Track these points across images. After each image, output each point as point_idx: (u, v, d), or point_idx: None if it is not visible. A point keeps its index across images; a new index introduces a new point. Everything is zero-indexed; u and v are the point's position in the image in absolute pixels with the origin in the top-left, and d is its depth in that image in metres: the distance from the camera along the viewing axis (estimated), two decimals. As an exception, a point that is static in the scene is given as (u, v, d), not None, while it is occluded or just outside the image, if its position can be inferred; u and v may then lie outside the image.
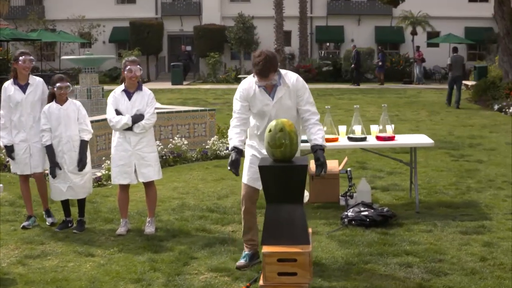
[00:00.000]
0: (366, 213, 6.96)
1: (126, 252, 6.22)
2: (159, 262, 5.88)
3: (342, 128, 7.90)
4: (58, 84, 6.85)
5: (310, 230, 5.15)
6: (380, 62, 33.05)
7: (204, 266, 5.79)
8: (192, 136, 12.09)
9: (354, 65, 32.46)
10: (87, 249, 6.32)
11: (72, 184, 6.95)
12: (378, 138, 7.66)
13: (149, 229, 6.86)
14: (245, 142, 5.67)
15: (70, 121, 6.90)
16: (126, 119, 6.72)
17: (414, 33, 35.89)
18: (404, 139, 7.90)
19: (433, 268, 5.61)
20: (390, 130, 7.69)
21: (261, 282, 4.74)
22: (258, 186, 5.56)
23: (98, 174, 9.64)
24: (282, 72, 5.66)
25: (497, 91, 21.07)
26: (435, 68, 36.19)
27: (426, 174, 9.59)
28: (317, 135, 5.54)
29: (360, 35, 38.83)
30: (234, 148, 5.48)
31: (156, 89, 29.19)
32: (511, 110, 18.13)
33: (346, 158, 8.84)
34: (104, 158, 10.10)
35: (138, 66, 6.87)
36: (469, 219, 7.12)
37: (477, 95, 22.44)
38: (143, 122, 6.76)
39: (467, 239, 6.42)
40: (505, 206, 7.71)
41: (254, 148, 5.76)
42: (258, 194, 5.74)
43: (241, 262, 5.76)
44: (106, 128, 9.50)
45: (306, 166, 4.78)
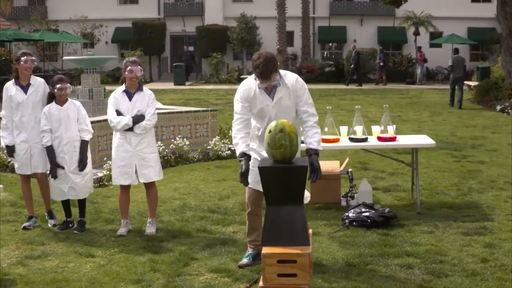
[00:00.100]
0: (367, 214, 6.95)
1: (127, 252, 6.22)
2: (160, 263, 5.88)
3: (344, 128, 7.89)
4: (58, 85, 6.84)
5: (310, 231, 5.14)
6: (381, 63, 33.01)
7: (204, 267, 5.79)
8: (193, 136, 12.08)
9: (353, 65, 32.45)
10: (88, 249, 6.32)
11: (73, 184, 6.95)
12: (380, 138, 7.65)
13: (149, 229, 6.86)
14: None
15: (70, 121, 6.90)
16: (126, 120, 6.71)
17: (416, 33, 35.82)
18: (405, 140, 7.88)
19: (434, 269, 5.60)
20: (391, 130, 7.69)
21: (261, 283, 4.73)
22: (260, 188, 5.55)
23: (100, 175, 9.64)
24: (282, 72, 5.66)
25: (499, 92, 21.02)
26: (438, 68, 36.13)
27: (428, 175, 9.58)
28: (313, 139, 5.52)
29: (362, 36, 38.80)
30: (243, 154, 5.45)
31: (158, 89, 29.20)
32: (514, 111, 18.13)
33: (347, 159, 8.82)
34: (105, 158, 10.10)
35: (139, 66, 6.86)
36: (470, 220, 7.11)
37: (479, 96, 22.40)
38: (144, 122, 6.76)
39: (468, 240, 6.41)
40: (506, 207, 7.69)
41: (254, 151, 5.75)
42: (262, 196, 5.72)
43: (244, 261, 5.78)
44: (107, 128, 9.50)
45: (306, 167, 4.77)
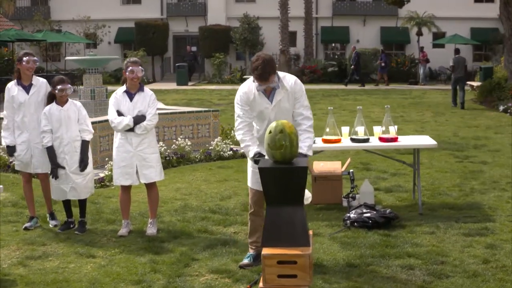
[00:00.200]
0: (369, 214, 6.94)
1: (127, 253, 6.21)
2: (160, 264, 5.87)
3: (345, 129, 7.88)
4: (59, 86, 6.84)
5: (310, 232, 5.13)
6: (382, 63, 32.97)
7: (205, 267, 5.78)
8: (195, 137, 12.08)
9: (354, 66, 32.41)
10: (88, 250, 6.31)
11: (74, 184, 6.94)
12: (381, 139, 7.64)
13: (150, 230, 6.85)
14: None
15: (71, 122, 6.90)
16: (127, 120, 6.70)
17: (419, 33, 35.79)
18: (407, 140, 7.87)
19: (435, 270, 5.58)
20: (393, 131, 7.67)
21: (261, 284, 4.72)
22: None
23: (101, 175, 9.63)
24: (281, 75, 5.66)
25: (502, 92, 20.97)
26: (441, 69, 36.07)
27: (430, 175, 9.55)
28: (304, 143, 5.54)
29: (365, 36, 38.76)
30: (259, 154, 5.50)
31: (161, 89, 29.22)
32: (517, 111, 18.10)
33: (349, 159, 8.80)
34: (107, 159, 10.10)
35: (140, 67, 6.85)
36: (472, 221, 7.09)
37: (482, 96, 22.35)
38: (145, 123, 6.75)
39: (470, 241, 6.39)
40: (508, 208, 7.66)
41: None
42: None
43: (244, 261, 5.79)
44: (109, 129, 9.48)
45: (306, 168, 4.76)
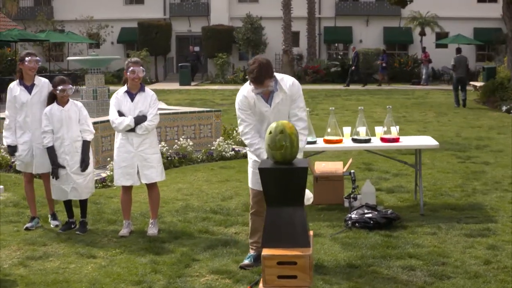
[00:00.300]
0: (370, 215, 6.92)
1: (128, 253, 6.21)
2: (161, 264, 5.87)
3: (347, 129, 7.86)
4: (60, 87, 6.83)
5: (311, 233, 5.12)
6: (383, 63, 32.93)
7: (205, 268, 5.77)
8: (197, 137, 12.08)
9: (354, 67, 32.38)
10: (89, 250, 6.31)
11: (75, 185, 6.94)
12: (383, 139, 7.62)
13: (151, 230, 6.84)
14: None
15: (71, 122, 6.89)
16: (128, 121, 6.70)
17: (422, 33, 35.74)
18: (408, 141, 7.85)
19: (436, 271, 5.56)
20: (394, 131, 7.65)
21: (261, 285, 4.71)
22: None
23: (103, 175, 9.63)
24: (279, 77, 5.65)
25: (505, 92, 20.93)
26: (444, 69, 36.00)
27: (432, 176, 9.53)
28: None
29: (368, 36, 38.74)
30: None
31: (164, 89, 29.24)
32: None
33: (350, 160, 8.78)
34: (108, 159, 10.08)
35: (141, 67, 6.85)
36: (474, 222, 7.07)
37: (485, 96, 22.31)
38: (146, 123, 6.74)
39: (472, 242, 6.37)
40: (510, 208, 7.63)
41: None
42: None
43: (245, 262, 5.78)
44: (111, 129, 9.42)
45: (306, 168, 4.75)
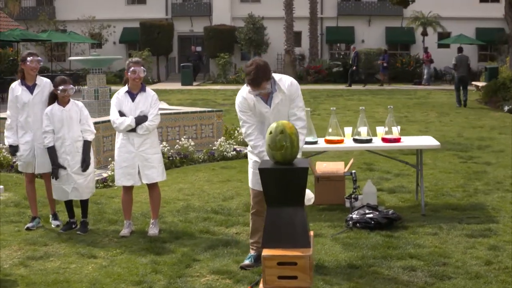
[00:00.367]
0: (371, 215, 6.91)
1: (129, 254, 6.21)
2: (161, 264, 5.86)
3: (348, 129, 7.85)
4: (61, 87, 6.83)
5: (311, 233, 5.11)
6: (384, 63, 32.90)
7: (206, 268, 5.76)
8: (199, 137, 12.07)
9: (355, 67, 32.37)
10: (90, 250, 6.30)
11: (76, 185, 6.94)
12: (384, 140, 7.61)
13: (152, 230, 6.84)
14: None
15: (72, 122, 6.89)
16: (129, 121, 6.70)
17: (424, 33, 35.71)
18: (410, 141, 7.84)
19: (437, 271, 5.55)
20: (396, 131, 7.64)
21: (261, 286, 4.70)
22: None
23: (104, 175, 9.63)
24: (277, 77, 5.65)
25: (507, 92, 20.87)
26: (446, 69, 35.96)
27: (433, 176, 9.51)
28: None
29: (370, 36, 38.70)
30: None
31: (166, 89, 29.24)
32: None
33: (352, 160, 8.77)
34: (110, 159, 10.09)
35: (142, 67, 6.84)
36: (475, 222, 7.05)
37: (487, 96, 22.26)
38: (147, 123, 6.74)
39: (473, 242, 6.35)
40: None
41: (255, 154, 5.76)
42: None
43: (245, 262, 5.78)
44: (112, 129, 9.41)
45: (307, 169, 4.74)
